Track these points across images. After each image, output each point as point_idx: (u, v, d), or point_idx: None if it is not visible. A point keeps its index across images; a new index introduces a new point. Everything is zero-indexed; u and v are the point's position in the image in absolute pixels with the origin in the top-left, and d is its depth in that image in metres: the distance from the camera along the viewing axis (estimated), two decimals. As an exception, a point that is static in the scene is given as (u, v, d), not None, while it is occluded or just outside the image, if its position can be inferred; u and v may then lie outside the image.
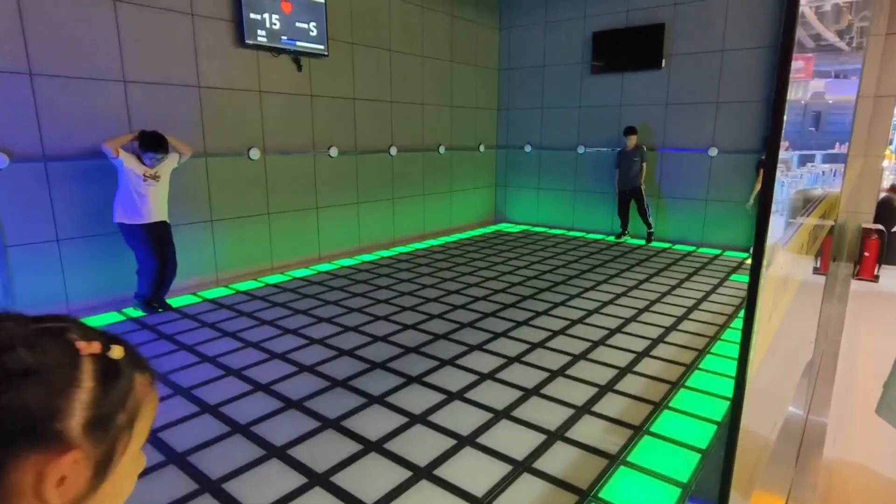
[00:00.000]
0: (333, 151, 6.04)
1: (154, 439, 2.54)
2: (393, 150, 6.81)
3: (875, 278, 5.42)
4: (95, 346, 0.51)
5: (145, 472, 2.28)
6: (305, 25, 5.39)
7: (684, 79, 6.79)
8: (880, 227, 5.57)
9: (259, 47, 5.15)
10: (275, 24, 5.15)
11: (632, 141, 6.92)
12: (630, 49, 7.07)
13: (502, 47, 8.36)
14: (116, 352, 0.53)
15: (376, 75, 6.47)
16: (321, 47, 5.59)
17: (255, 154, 5.30)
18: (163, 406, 2.85)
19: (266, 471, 2.32)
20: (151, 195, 4.14)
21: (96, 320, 4.13)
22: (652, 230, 7.19)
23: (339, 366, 3.37)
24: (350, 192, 6.39)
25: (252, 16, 4.96)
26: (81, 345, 0.51)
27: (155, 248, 4.20)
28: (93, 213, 4.25)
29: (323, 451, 2.45)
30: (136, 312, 4.33)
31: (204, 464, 2.36)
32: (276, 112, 5.48)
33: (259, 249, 5.55)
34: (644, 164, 6.98)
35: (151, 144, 4.08)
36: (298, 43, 5.37)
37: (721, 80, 6.52)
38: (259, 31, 5.04)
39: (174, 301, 4.61)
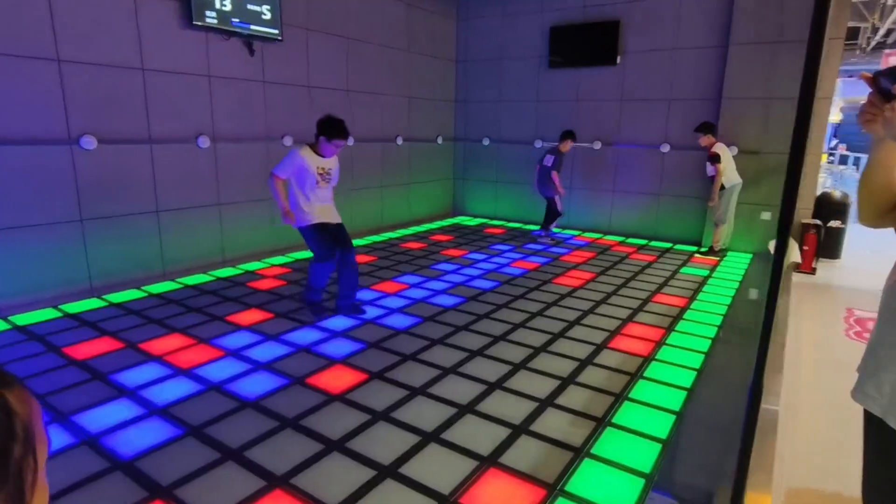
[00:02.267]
0: (288, 140, 5.84)
1: (95, 444, 2.37)
2: (350, 141, 6.65)
3: (813, 271, 5.73)
4: None
5: (87, 481, 2.12)
6: (258, 8, 5.16)
7: (638, 75, 6.94)
8: (818, 222, 5.88)
9: (208, 29, 4.88)
10: (225, 6, 4.89)
11: (568, 145, 6.61)
12: (586, 44, 7.16)
13: (460, 39, 8.30)
14: None
15: (333, 63, 6.28)
16: (275, 31, 5.37)
17: (204, 142, 5.04)
18: (104, 410, 2.67)
19: (222, 474, 2.20)
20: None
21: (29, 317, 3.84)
22: (550, 229, 6.96)
23: (297, 363, 3.25)
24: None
25: (200, -5, 4.69)
26: None
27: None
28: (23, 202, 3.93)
29: (282, 452, 2.35)
30: (74, 308, 4.05)
31: (154, 469, 2.21)
32: (227, 98, 5.23)
33: (209, 242, 5.30)
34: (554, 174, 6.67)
35: (342, 131, 3.67)
36: (251, 26, 5.14)
37: (674, 78, 6.70)
38: (208, 13, 4.78)
39: (116, 297, 4.34)
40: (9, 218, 3.88)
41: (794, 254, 5.80)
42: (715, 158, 5.78)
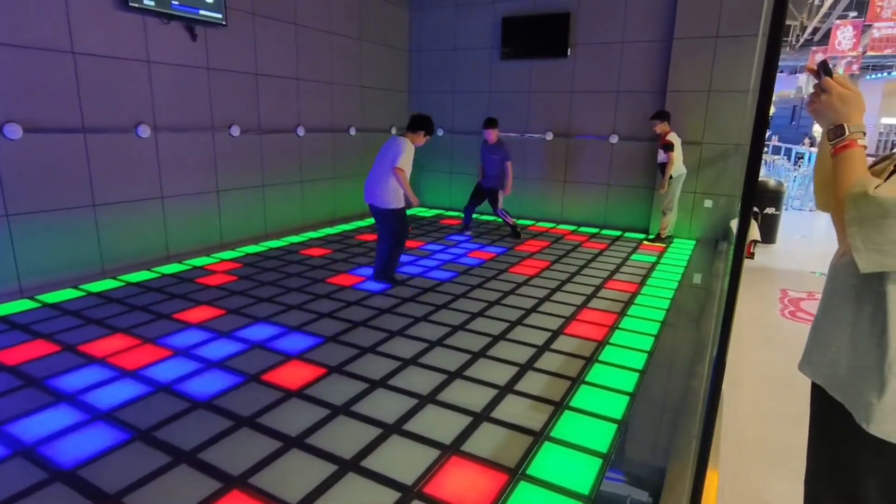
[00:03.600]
0: (235, 130, 5.62)
1: (32, 455, 2.22)
2: (300, 131, 6.48)
3: (752, 255, 6.05)
4: None
5: (23, 495, 1.99)
6: (200, -10, 4.91)
7: (588, 67, 7.08)
8: (755, 209, 6.21)
9: (146, 11, 4.61)
10: (164, -13, 4.63)
11: (492, 135, 6.30)
12: (538, 36, 7.23)
13: (412, 28, 8.22)
14: None
15: (281, 50, 6.08)
16: (218, 16, 5.14)
17: (144, 131, 4.78)
18: (41, 417, 2.51)
19: (174, 478, 2.10)
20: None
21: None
22: (516, 226, 6.64)
23: (251, 360, 3.15)
24: (255, 175, 6.00)
25: (136, -25, 4.43)
26: None
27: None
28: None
29: (238, 452, 2.27)
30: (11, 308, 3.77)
31: (98, 477, 2.09)
32: (169, 85, 4.97)
33: (152, 237, 5.04)
34: (508, 165, 6.27)
35: (433, 126, 4.70)
36: (192, 10, 4.89)
37: (622, 70, 6.88)
38: (145, -6, 4.51)
39: (50, 297, 4.08)
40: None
41: (754, 232, 6.07)
42: (668, 147, 5.99)
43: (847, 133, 1.17)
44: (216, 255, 5.44)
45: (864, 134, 1.18)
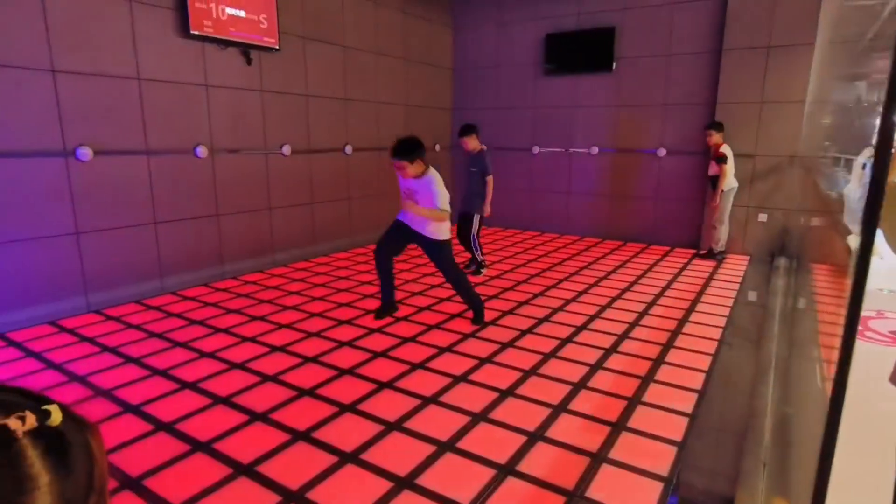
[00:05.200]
0: (286, 150, 5.80)
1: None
2: (348, 149, 6.63)
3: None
4: (31, 420, 0.37)
5: None
6: (255, 17, 5.14)
7: (634, 81, 6.99)
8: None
9: (205, 39, 4.86)
10: (222, 15, 4.87)
11: (469, 143, 5.35)
12: (582, 52, 7.20)
13: (455, 46, 8.33)
14: (54, 415, 0.38)
15: (330, 71, 6.27)
16: (272, 40, 5.35)
17: (202, 152, 4.99)
18: (109, 426, 2.60)
19: (234, 490, 2.14)
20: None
21: None
22: (482, 263, 5.49)
23: (306, 373, 3.20)
24: (304, 192, 6.16)
25: (198, 4, 4.67)
26: (14, 424, 0.36)
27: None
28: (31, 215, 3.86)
29: (294, 466, 2.30)
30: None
31: (163, 487, 2.15)
32: (225, 108, 5.19)
33: (207, 253, 5.23)
34: (488, 181, 5.24)
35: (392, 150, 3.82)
36: (248, 35, 5.12)
37: (669, 83, 6.75)
38: (205, 22, 4.76)
39: (113, 312, 4.28)
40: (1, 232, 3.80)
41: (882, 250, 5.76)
42: (722, 159, 5.82)
43: None
44: (268, 272, 5.59)
45: None
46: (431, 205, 3.84)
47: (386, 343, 3.68)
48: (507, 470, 2.28)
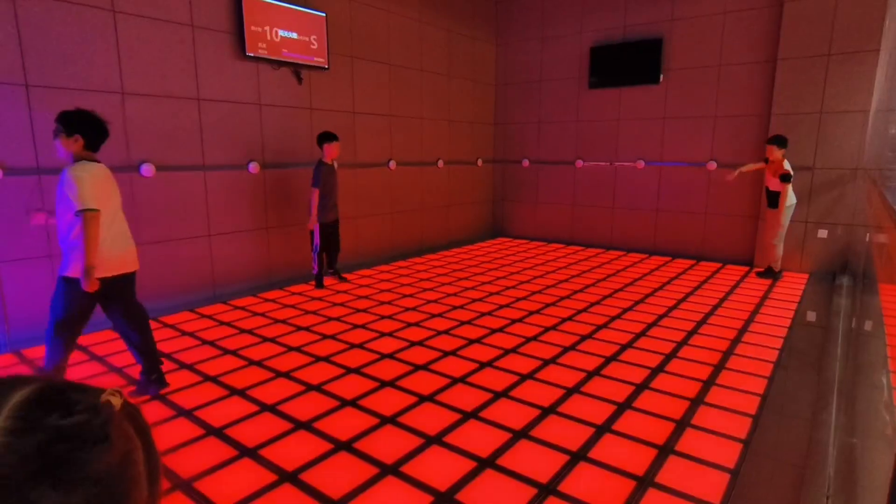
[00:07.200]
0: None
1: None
2: (392, 164, 6.76)
3: None
4: (118, 399, 0.43)
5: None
6: (307, 38, 5.35)
7: (682, 93, 6.83)
8: None
9: (259, 60, 5.08)
10: (276, 37, 5.09)
11: (330, 150, 5.12)
12: (628, 64, 7.11)
13: (499, 62, 8.39)
14: (118, 398, 0.44)
15: (376, 89, 6.43)
16: (322, 60, 5.54)
17: (254, 168, 5.20)
18: (161, 430, 2.71)
19: (278, 497, 2.19)
20: None
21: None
22: (322, 277, 5.40)
23: (348, 384, 3.25)
24: (349, 206, 6.31)
25: (253, 28, 4.91)
26: (114, 400, 0.42)
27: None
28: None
29: (335, 476, 2.33)
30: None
31: (213, 491, 2.23)
32: (276, 125, 5.41)
33: (257, 264, 5.42)
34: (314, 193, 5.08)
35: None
36: (299, 56, 5.32)
37: (719, 94, 6.56)
38: (260, 44, 4.99)
39: (169, 320, 4.48)
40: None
41: None
42: (787, 177, 5.44)
43: None
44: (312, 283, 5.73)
45: None
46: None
47: (427, 356, 3.69)
48: (548, 490, 2.23)
